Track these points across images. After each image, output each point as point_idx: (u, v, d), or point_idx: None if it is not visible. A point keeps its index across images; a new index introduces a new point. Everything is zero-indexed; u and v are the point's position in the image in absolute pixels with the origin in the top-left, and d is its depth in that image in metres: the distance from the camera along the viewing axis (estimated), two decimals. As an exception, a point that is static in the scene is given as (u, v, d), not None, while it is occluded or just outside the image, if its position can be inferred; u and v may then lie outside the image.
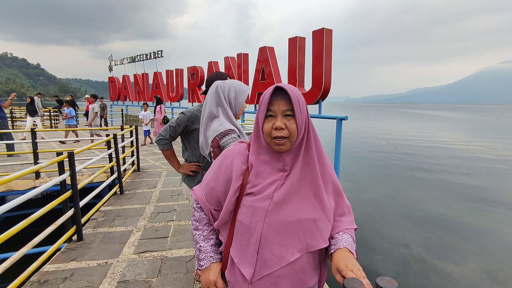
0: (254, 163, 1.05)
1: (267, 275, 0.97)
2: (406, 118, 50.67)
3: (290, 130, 0.96)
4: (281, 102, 0.98)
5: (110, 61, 17.63)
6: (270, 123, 0.98)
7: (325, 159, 1.10)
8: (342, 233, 1.07)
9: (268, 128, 0.98)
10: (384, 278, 0.87)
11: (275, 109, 0.98)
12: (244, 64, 8.58)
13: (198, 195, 1.16)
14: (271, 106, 0.99)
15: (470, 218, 7.01)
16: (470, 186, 9.52)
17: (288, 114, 0.97)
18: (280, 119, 0.97)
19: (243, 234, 1.01)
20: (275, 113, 0.98)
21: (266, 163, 1.04)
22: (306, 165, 1.03)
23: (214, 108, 1.72)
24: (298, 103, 0.98)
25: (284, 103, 0.97)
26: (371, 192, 8.97)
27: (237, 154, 1.11)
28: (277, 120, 0.97)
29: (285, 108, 0.97)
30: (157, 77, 14.12)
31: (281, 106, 0.97)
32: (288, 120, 0.97)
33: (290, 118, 0.97)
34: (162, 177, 5.75)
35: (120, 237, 3.24)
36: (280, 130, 0.96)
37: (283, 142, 0.97)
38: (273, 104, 0.98)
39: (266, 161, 1.04)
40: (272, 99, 0.99)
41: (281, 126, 0.96)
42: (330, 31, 5.59)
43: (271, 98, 0.99)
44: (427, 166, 12.45)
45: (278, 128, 0.96)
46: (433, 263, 5.06)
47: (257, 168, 1.05)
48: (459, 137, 23.72)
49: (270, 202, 0.99)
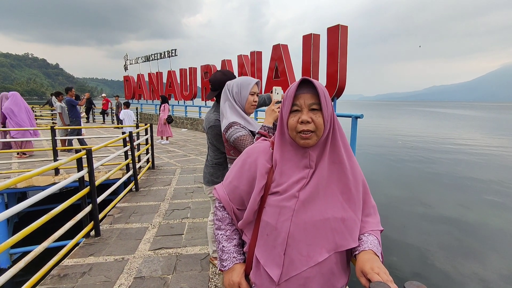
0: (278, 161, 1.02)
1: (295, 276, 0.94)
2: (422, 117, 49.33)
3: (317, 124, 0.93)
4: (307, 96, 0.95)
5: (125, 60, 17.99)
6: (295, 118, 0.95)
7: (352, 156, 1.05)
8: (368, 235, 1.03)
9: (294, 123, 0.96)
10: (413, 283, 0.83)
11: (300, 103, 0.95)
12: (258, 62, 8.55)
13: (221, 194, 1.13)
14: (297, 100, 0.96)
15: (489, 218, 6.75)
16: (486, 187, 9.17)
17: (314, 108, 0.94)
18: (306, 113, 0.94)
19: (269, 234, 0.99)
20: (300, 107, 0.95)
21: (291, 161, 1.01)
22: (333, 162, 0.99)
23: (222, 105, 1.84)
24: (324, 96, 0.94)
25: (310, 97, 0.94)
26: (387, 191, 8.78)
27: (261, 152, 1.08)
28: (303, 114, 0.94)
29: (311, 102, 0.94)
30: (171, 76, 14.29)
31: (307, 100, 0.95)
32: (314, 114, 0.94)
33: (316, 112, 0.94)
34: (176, 175, 5.81)
35: (136, 234, 3.28)
36: (306, 124, 0.93)
37: (310, 136, 0.94)
38: (299, 98, 0.95)
39: (291, 159, 1.01)
40: (297, 93, 0.96)
41: (308, 120, 0.93)
42: (346, 27, 5.49)
43: (296, 92, 0.96)
44: (443, 165, 12.09)
45: (304, 121, 0.93)
46: (453, 265, 4.90)
47: (281, 166, 1.02)
48: (476, 136, 22.91)
49: (297, 201, 0.96)
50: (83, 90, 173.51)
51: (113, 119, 16.35)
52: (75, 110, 7.47)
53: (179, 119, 14.73)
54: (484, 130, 28.30)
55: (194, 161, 7.09)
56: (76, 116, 7.51)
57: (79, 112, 7.72)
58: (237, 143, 1.71)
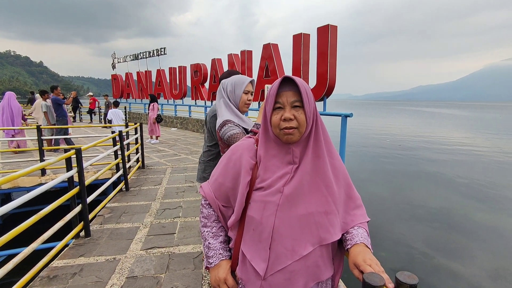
0: (262, 157, 1.04)
1: (280, 270, 0.96)
2: (409, 116, 50.39)
3: (299, 121, 0.96)
4: (289, 94, 0.97)
5: (113, 58, 17.68)
6: (278, 115, 0.97)
7: (334, 151, 1.08)
8: (357, 228, 1.06)
9: (277, 120, 0.98)
10: (404, 273, 0.87)
11: (283, 100, 0.97)
12: (248, 61, 8.55)
13: (207, 191, 1.15)
14: (279, 98, 0.98)
15: (474, 214, 6.97)
16: (472, 183, 9.47)
17: (296, 105, 0.96)
18: (289, 110, 0.96)
19: (255, 229, 1.00)
20: (283, 104, 0.97)
21: (275, 157, 1.03)
22: (316, 157, 1.02)
23: (217, 103, 1.88)
24: (306, 94, 0.97)
25: (292, 94, 0.96)
26: (376, 189, 8.95)
27: (246, 149, 1.10)
28: (286, 111, 0.96)
29: (293, 99, 0.96)
30: (160, 75, 14.12)
31: (289, 98, 0.97)
32: (296, 111, 0.96)
33: (299, 109, 0.96)
34: (167, 174, 5.77)
35: (127, 233, 3.25)
36: (289, 121, 0.95)
37: (292, 132, 0.96)
38: (281, 96, 0.97)
39: (275, 155, 1.03)
40: (279, 91, 0.98)
41: (290, 117, 0.95)
42: (335, 27, 5.56)
43: (278, 89, 0.98)
44: (430, 163, 12.41)
45: (287, 119, 0.95)
46: (439, 260, 5.06)
47: (266, 162, 1.04)
48: (461, 135, 23.59)
49: (281, 196, 0.98)
50: (68, 89, 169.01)
51: (101, 119, 16.05)
52: (61, 109, 7.30)
53: (169, 118, 14.59)
54: (468, 129, 29.14)
55: (184, 160, 7.05)
56: (62, 115, 7.34)
57: (65, 111, 7.55)
58: (230, 140, 1.73)
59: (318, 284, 1.03)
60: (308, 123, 0.97)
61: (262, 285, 0.98)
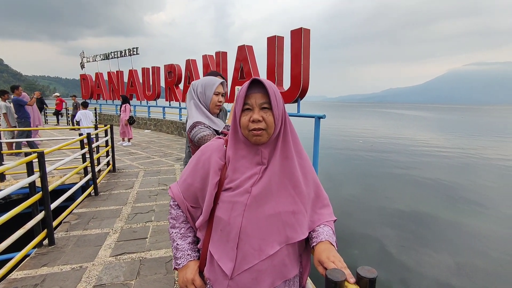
0: (231, 158, 1.05)
1: (247, 269, 0.97)
2: (380, 117, 52.64)
3: (268, 122, 0.98)
4: (257, 95, 0.98)
5: (81, 57, 16.88)
6: (247, 116, 0.99)
7: (303, 152, 1.11)
8: (323, 226, 1.09)
9: (245, 121, 0.99)
10: (364, 268, 0.91)
11: (252, 102, 0.98)
12: (223, 63, 8.52)
13: (175, 192, 1.14)
14: (248, 100, 0.99)
15: (440, 212, 7.40)
16: (438, 181, 10.06)
17: (265, 107, 0.98)
18: (257, 112, 0.98)
19: (223, 229, 1.01)
20: (252, 106, 0.99)
21: (243, 158, 1.04)
22: (285, 158, 1.04)
23: (188, 105, 1.86)
24: (274, 96, 0.99)
25: (261, 96, 0.98)
26: (348, 189, 9.24)
27: (215, 149, 1.10)
28: (255, 113, 0.97)
29: (262, 101, 0.98)
30: (133, 75, 13.68)
31: (258, 99, 0.98)
32: (265, 113, 0.98)
33: (267, 110, 0.98)
34: (139, 177, 5.59)
35: (96, 240, 3.11)
36: (258, 123, 0.97)
37: (261, 133, 0.98)
38: (250, 98, 0.99)
39: (243, 156, 1.05)
40: (248, 93, 1.00)
41: (259, 118, 0.96)
42: (308, 30, 5.68)
43: (247, 91, 1.00)
44: (399, 163, 13.02)
45: (255, 120, 0.97)
46: (408, 256, 5.31)
47: (234, 163, 1.05)
48: (426, 135, 25.00)
49: (249, 196, 0.99)
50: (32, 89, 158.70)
51: (68, 120, 15.25)
52: (23, 110, 6.85)
53: (142, 120, 14.16)
54: (433, 130, 30.95)
55: (158, 163, 6.87)
56: (24, 117, 6.89)
57: (28, 112, 7.10)
58: (201, 142, 1.71)
59: (285, 282, 1.04)
60: (277, 124, 0.99)
61: (229, 284, 0.99)
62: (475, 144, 18.94)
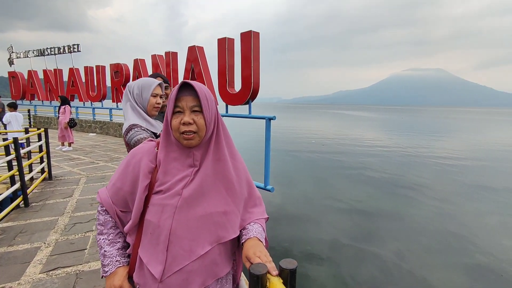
0: (162, 161, 1.04)
1: (177, 271, 0.97)
2: (331, 118, 55.84)
3: (198, 125, 0.98)
4: (188, 98, 0.99)
5: (10, 53, 15.01)
6: (178, 119, 0.99)
7: (236, 154, 1.14)
8: (253, 224, 1.13)
9: (176, 124, 0.99)
10: (286, 260, 0.96)
11: (183, 105, 0.99)
12: (173, 63, 8.27)
13: (103, 197, 1.10)
14: (179, 102, 0.99)
15: (385, 205, 8.06)
16: (385, 177, 10.98)
17: (196, 110, 0.99)
18: (188, 115, 0.98)
19: (152, 233, 1.00)
20: (183, 108, 0.99)
21: (175, 160, 1.04)
22: (217, 160, 1.06)
23: (124, 107, 1.80)
24: (205, 99, 1.00)
25: (192, 99, 0.99)
26: (301, 187, 9.61)
27: (145, 152, 1.08)
28: (185, 116, 0.98)
29: (192, 104, 0.98)
30: (74, 74, 12.58)
31: (188, 102, 0.99)
32: (196, 116, 0.98)
33: (198, 113, 0.99)
34: (80, 185, 5.16)
35: (23, 256, 2.79)
36: (188, 125, 0.97)
37: (192, 136, 0.98)
38: (181, 100, 0.99)
39: (175, 158, 1.04)
40: (179, 95, 1.00)
41: (189, 121, 0.97)
42: (257, 33, 5.79)
43: (178, 94, 1.00)
44: (349, 160, 13.92)
45: (186, 123, 0.97)
46: (357, 246, 5.68)
47: (166, 165, 1.04)
48: (372, 134, 27.18)
49: (180, 198, 0.99)
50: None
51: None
52: None
53: (86, 123, 13.09)
54: (377, 130, 33.71)
55: (103, 168, 6.41)
56: None
57: None
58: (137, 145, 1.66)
59: (217, 281, 1.06)
60: (208, 127, 1.00)
61: (159, 287, 0.97)
62: (412, 142, 21.06)
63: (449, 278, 4.69)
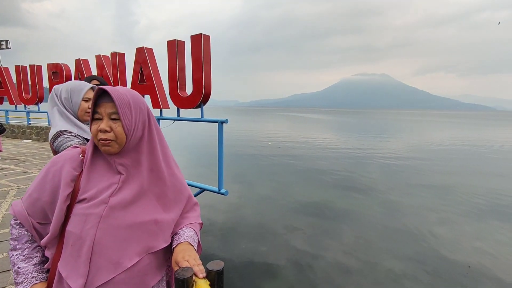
0: (86, 167, 1.00)
1: (102, 285, 0.93)
2: (287, 121, 57.59)
3: (116, 133, 0.96)
4: (107, 105, 0.96)
5: None
6: (96, 125, 0.96)
7: (172, 162, 1.14)
8: (185, 228, 1.13)
9: (95, 130, 0.96)
10: (213, 262, 0.98)
11: (101, 111, 0.96)
12: (120, 65, 7.83)
13: (17, 209, 1.02)
14: (98, 108, 0.97)
15: (337, 203, 8.48)
16: (338, 177, 11.61)
17: (114, 118, 0.96)
18: (106, 122, 0.96)
19: (73, 244, 0.94)
20: (101, 115, 0.96)
21: (101, 167, 1.01)
22: (149, 168, 1.04)
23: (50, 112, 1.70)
24: (126, 106, 0.97)
25: (111, 106, 0.96)
26: (257, 190, 9.72)
27: (68, 159, 1.03)
28: (103, 123, 0.96)
29: (111, 111, 0.96)
30: (2, 74, 11.21)
31: (107, 109, 0.96)
32: (114, 123, 0.96)
33: (117, 121, 0.97)
34: (8, 198, 4.60)
35: None
36: (105, 133, 0.95)
37: (109, 143, 0.96)
38: (100, 106, 0.97)
39: (101, 165, 1.01)
40: (99, 101, 0.97)
41: (105, 129, 0.95)
42: (208, 37, 5.77)
43: (98, 100, 0.97)
44: (304, 161, 14.47)
45: (102, 130, 0.95)
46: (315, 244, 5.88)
47: (89, 173, 1.00)
48: (325, 136, 28.67)
49: (106, 207, 0.96)
50: None
51: None
52: None
53: (19, 128, 11.73)
54: (330, 131, 35.61)
55: (38, 178, 5.79)
56: None
57: None
58: None
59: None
60: (128, 135, 0.97)
61: None
62: (361, 143, 22.63)
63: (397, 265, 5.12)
